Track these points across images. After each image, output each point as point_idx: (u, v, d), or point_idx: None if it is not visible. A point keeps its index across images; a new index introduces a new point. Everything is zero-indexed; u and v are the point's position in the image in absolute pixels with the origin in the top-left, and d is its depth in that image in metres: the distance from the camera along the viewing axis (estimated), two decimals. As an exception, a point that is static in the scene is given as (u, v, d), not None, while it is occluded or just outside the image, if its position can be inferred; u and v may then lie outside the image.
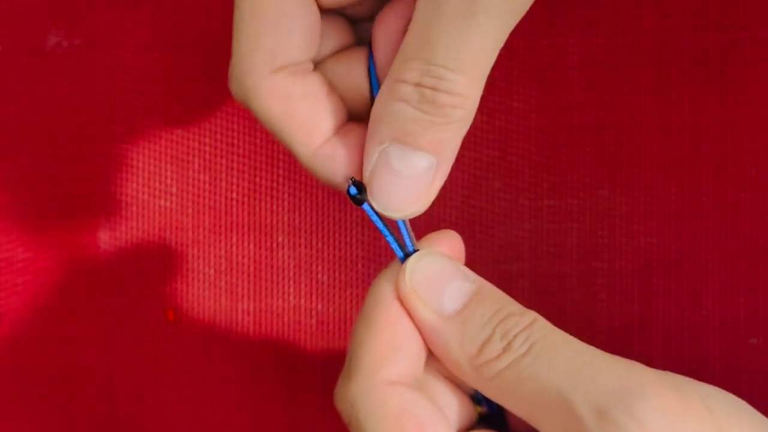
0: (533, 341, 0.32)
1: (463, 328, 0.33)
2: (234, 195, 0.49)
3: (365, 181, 0.34)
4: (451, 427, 0.34)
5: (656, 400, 0.30)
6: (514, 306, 0.34)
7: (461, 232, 0.38)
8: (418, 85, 0.32)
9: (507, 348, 0.32)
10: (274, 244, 0.49)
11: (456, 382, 0.36)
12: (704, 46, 0.48)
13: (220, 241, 0.49)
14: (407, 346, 0.34)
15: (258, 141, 0.49)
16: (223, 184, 0.49)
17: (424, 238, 0.36)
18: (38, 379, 0.49)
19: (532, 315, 0.33)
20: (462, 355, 0.33)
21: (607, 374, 0.31)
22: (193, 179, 0.49)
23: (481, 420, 0.37)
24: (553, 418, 0.31)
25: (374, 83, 0.36)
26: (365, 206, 0.34)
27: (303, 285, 0.49)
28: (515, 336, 0.32)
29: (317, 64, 0.37)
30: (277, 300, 0.49)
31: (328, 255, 0.49)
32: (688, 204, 0.48)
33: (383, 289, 0.34)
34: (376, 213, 0.35)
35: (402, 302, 0.34)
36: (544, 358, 0.32)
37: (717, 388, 0.32)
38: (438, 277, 0.34)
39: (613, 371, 0.31)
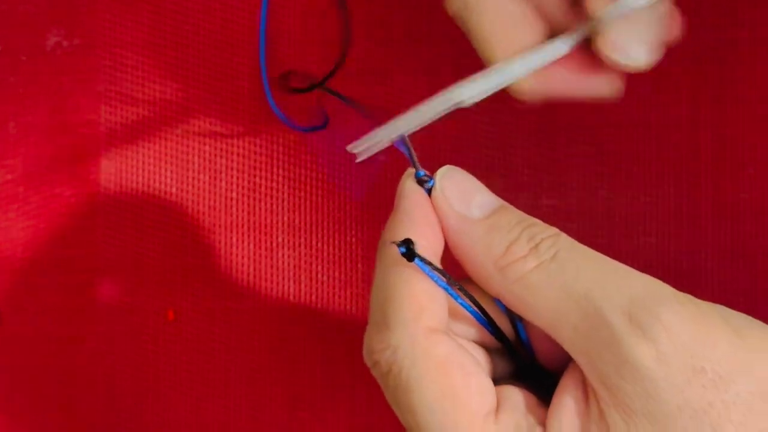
0: (559, 248, 0.33)
1: (489, 232, 0.34)
2: (234, 195, 0.49)
3: None
4: (487, 375, 0.34)
5: (679, 307, 0.31)
6: (538, 220, 0.34)
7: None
8: None
9: (533, 250, 0.33)
10: (274, 244, 0.49)
11: (478, 339, 0.36)
12: (703, 46, 0.48)
13: (220, 241, 0.49)
14: (441, 294, 0.34)
15: (258, 141, 0.49)
16: (223, 184, 0.49)
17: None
18: (38, 379, 0.49)
19: (556, 229, 0.34)
20: (488, 256, 0.33)
21: (632, 282, 0.32)
22: (193, 179, 0.49)
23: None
24: (577, 324, 0.32)
25: None
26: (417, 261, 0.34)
27: (303, 285, 0.49)
28: (542, 240, 0.33)
29: None
30: (277, 300, 0.49)
31: (328, 255, 0.49)
32: (687, 203, 0.48)
33: (412, 188, 0.35)
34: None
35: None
36: (571, 265, 0.32)
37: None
38: (466, 187, 0.35)
39: (637, 279, 0.32)
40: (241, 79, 0.49)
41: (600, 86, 0.39)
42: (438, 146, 0.49)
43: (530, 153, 0.48)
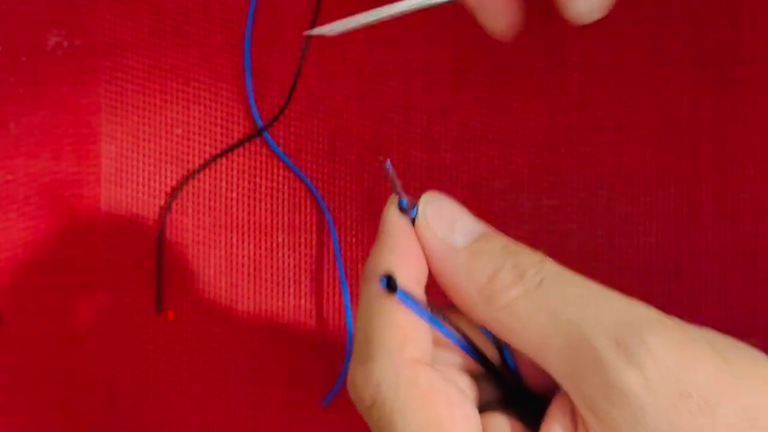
0: (544, 276, 0.33)
1: (473, 259, 0.33)
2: (234, 195, 0.49)
3: None
4: (473, 404, 0.34)
5: (664, 332, 0.31)
6: (522, 245, 0.34)
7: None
8: None
9: (519, 278, 0.33)
10: (274, 244, 0.49)
11: (464, 367, 0.36)
12: (704, 46, 0.48)
13: (220, 241, 0.49)
14: (425, 324, 0.34)
15: (258, 141, 0.49)
16: (223, 184, 0.49)
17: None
18: (38, 379, 0.49)
19: (541, 254, 0.34)
20: (472, 284, 0.33)
21: (618, 307, 0.32)
22: (193, 179, 0.49)
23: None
24: (563, 350, 0.32)
25: None
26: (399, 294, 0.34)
27: (303, 285, 0.49)
28: (527, 267, 0.33)
29: None
30: (277, 300, 0.49)
31: (328, 255, 0.49)
32: (687, 204, 0.48)
33: (394, 215, 0.35)
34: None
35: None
36: (557, 291, 0.32)
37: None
38: (450, 214, 0.35)
39: (622, 304, 0.32)
40: (241, 79, 0.49)
41: (493, 17, 0.40)
42: (438, 146, 0.49)
43: (530, 153, 0.48)
